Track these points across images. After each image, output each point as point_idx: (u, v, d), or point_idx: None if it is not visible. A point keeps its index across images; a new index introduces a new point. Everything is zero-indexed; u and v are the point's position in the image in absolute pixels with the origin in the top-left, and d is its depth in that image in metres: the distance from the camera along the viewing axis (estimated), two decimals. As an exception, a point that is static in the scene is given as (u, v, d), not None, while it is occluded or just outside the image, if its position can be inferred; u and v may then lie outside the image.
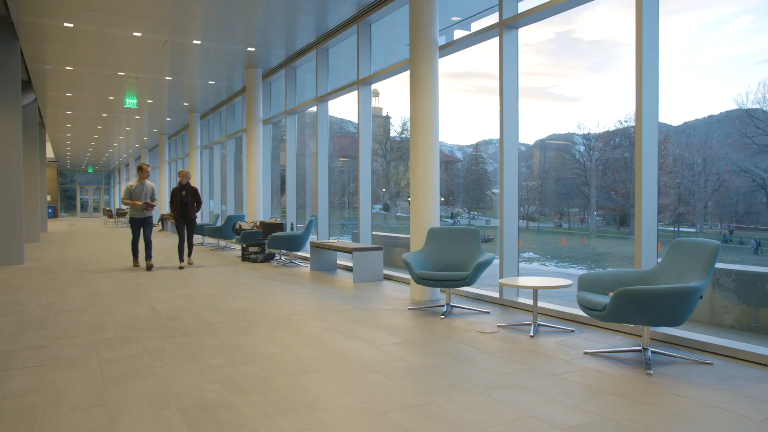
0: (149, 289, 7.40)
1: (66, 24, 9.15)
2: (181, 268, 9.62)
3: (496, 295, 6.46)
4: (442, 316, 5.70)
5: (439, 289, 6.79)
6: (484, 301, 6.54)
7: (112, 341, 4.72)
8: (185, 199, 9.49)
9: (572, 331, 5.04)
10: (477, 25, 8.01)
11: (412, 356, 4.26)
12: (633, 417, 3.05)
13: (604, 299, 4.11)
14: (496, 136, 6.51)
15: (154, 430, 2.90)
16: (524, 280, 5.30)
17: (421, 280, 5.75)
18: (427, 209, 6.76)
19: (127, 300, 6.63)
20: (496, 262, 6.36)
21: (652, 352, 4.23)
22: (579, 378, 3.72)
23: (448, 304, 5.93)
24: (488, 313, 5.88)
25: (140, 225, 9.48)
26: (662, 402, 3.28)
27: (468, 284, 5.67)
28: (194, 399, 3.34)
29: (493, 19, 6.59)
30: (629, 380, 3.68)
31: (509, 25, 6.25)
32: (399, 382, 3.65)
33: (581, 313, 5.37)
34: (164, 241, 15.36)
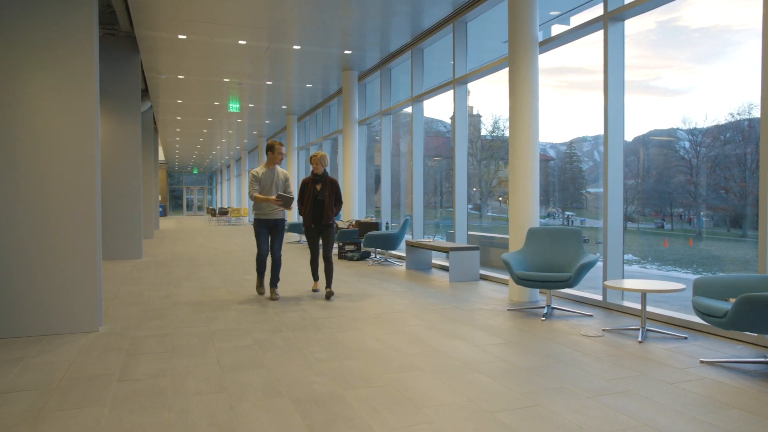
0: (255, 284, 7.79)
1: (180, 36, 9.83)
2: (315, 290, 7.10)
3: (599, 297, 6.23)
4: (543, 318, 5.58)
5: (538, 290, 6.65)
6: (585, 303, 6.33)
7: (224, 332, 5.03)
8: (320, 196, 6.60)
9: (685, 338, 4.76)
10: (576, 20, 7.74)
11: (515, 357, 4.21)
12: (762, 432, 2.85)
13: (725, 305, 3.86)
14: (591, 132, 6.32)
15: (269, 417, 3.07)
16: (631, 283, 5.07)
17: (521, 280, 5.66)
18: (526, 209, 6.63)
19: (234, 294, 7.02)
20: (598, 264, 6.13)
21: (780, 363, 3.92)
22: (697, 388, 3.52)
23: (548, 306, 5.79)
24: (591, 316, 5.69)
25: (269, 231, 6.66)
26: (795, 418, 3.03)
27: (570, 286, 5.51)
28: (304, 390, 3.50)
29: (596, 11, 6.35)
30: (756, 394, 3.43)
31: (615, 17, 6.00)
32: (503, 382, 3.62)
33: (694, 319, 5.07)
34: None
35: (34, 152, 4.90)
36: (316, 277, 7.10)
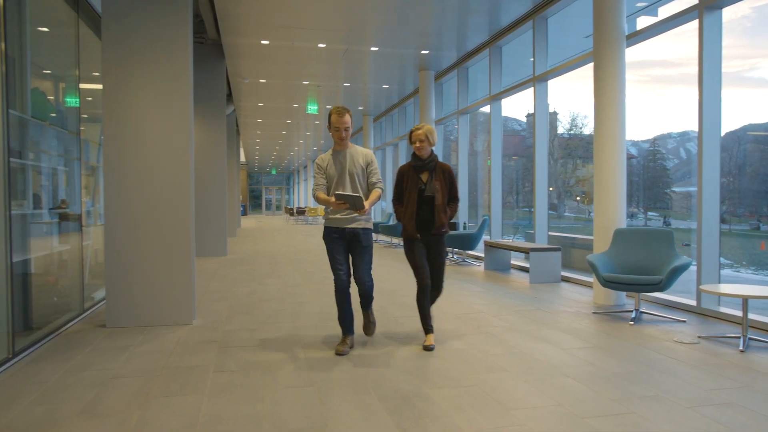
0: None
1: (263, 41, 10.20)
2: (429, 347, 4.40)
3: (691, 302, 5.91)
4: (632, 322, 5.36)
5: (624, 293, 6.40)
6: (676, 308, 6.02)
7: (309, 329, 5.17)
8: (428, 191, 4.49)
9: (793, 347, 4.44)
10: (664, 11, 7.38)
11: (603, 362, 4.08)
12: None
13: (841, 314, 3.56)
14: (677, 129, 5.98)
15: (359, 413, 3.14)
16: (730, 288, 4.78)
17: (608, 283, 5.46)
18: (612, 209, 6.40)
19: (315, 292, 7.20)
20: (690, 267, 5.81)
21: None
22: (809, 401, 3.28)
23: (637, 310, 5.56)
24: (684, 321, 5.41)
25: (346, 245, 4.39)
26: None
27: (661, 290, 5.27)
28: (390, 388, 3.55)
29: (689, 0, 6.03)
30: None
31: (711, 6, 5.68)
32: (592, 387, 3.52)
33: (804, 328, 4.71)
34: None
35: (139, 156, 5.25)
36: (429, 329, 4.53)
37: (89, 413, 3.13)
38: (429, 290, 4.52)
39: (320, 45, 10.55)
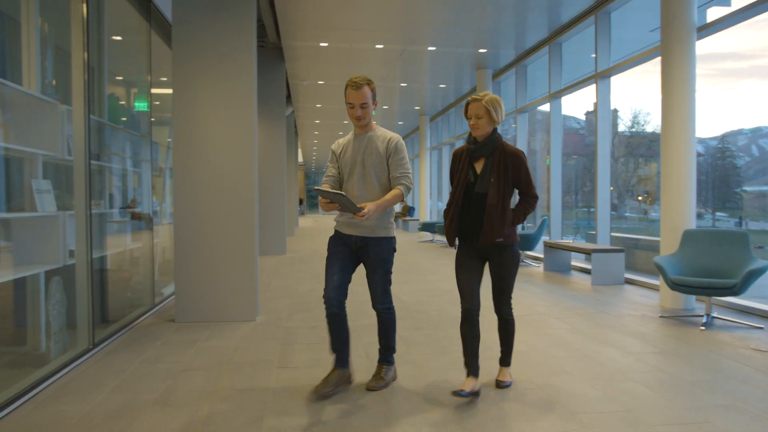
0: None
1: (321, 44, 10.36)
2: (462, 393, 3.19)
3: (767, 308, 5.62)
4: (703, 327, 5.14)
5: (694, 297, 6.14)
6: (752, 314, 5.73)
7: (368, 327, 5.20)
8: (479, 187, 3.34)
9: None
10: (737, 0, 7.03)
11: (674, 368, 3.93)
12: None
13: None
14: (748, 125, 5.66)
15: (422, 414, 3.15)
16: (813, 293, 4.51)
17: (677, 286, 5.26)
18: (680, 210, 6.15)
19: (374, 290, 7.25)
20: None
21: None
22: None
23: (708, 315, 5.33)
24: (761, 328, 5.14)
25: (346, 256, 3.52)
26: None
27: (735, 294, 5.02)
28: (453, 388, 3.53)
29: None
30: None
31: (792, -5, 5.37)
32: (663, 394, 3.40)
33: None
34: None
35: (206, 158, 5.45)
36: (472, 369, 3.36)
37: (163, 403, 3.28)
38: (475, 320, 3.41)
39: (378, 46, 10.63)
